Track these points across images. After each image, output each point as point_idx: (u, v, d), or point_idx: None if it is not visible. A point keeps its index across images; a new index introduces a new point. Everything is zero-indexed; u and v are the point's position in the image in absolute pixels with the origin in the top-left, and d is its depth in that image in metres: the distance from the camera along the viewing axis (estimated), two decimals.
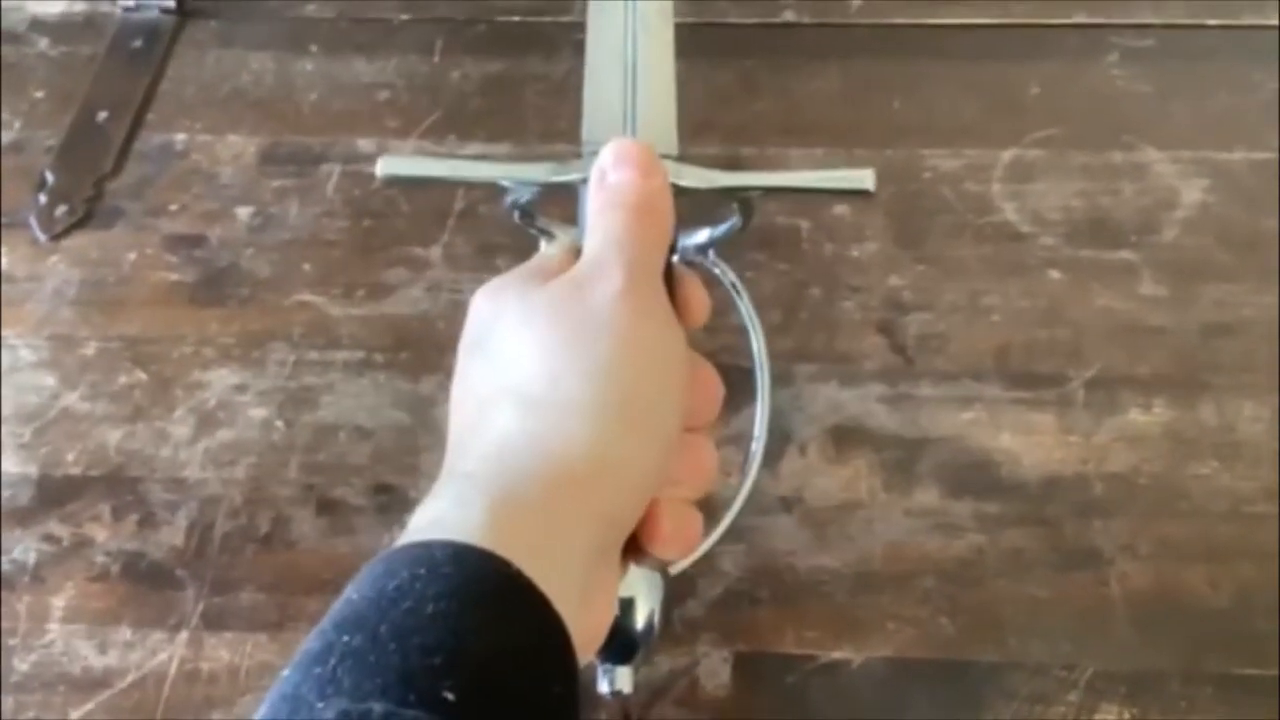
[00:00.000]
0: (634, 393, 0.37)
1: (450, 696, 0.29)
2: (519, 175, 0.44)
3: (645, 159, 0.41)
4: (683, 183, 0.42)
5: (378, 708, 0.29)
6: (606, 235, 0.40)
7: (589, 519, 0.36)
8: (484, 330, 0.40)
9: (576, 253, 0.41)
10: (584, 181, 0.42)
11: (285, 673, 0.31)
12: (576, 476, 0.36)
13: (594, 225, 0.41)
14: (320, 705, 0.29)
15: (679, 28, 0.76)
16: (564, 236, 0.45)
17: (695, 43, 0.75)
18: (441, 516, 0.34)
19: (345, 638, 0.31)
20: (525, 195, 0.44)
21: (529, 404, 0.37)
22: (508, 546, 0.33)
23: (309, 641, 0.32)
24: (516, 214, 0.45)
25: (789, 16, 0.76)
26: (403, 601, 0.31)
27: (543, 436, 0.36)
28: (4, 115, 0.74)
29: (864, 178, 0.42)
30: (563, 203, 0.45)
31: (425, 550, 0.33)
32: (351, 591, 0.33)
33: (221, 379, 0.63)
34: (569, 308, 0.38)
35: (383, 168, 0.44)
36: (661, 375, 0.38)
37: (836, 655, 0.54)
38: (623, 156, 0.41)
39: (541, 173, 0.44)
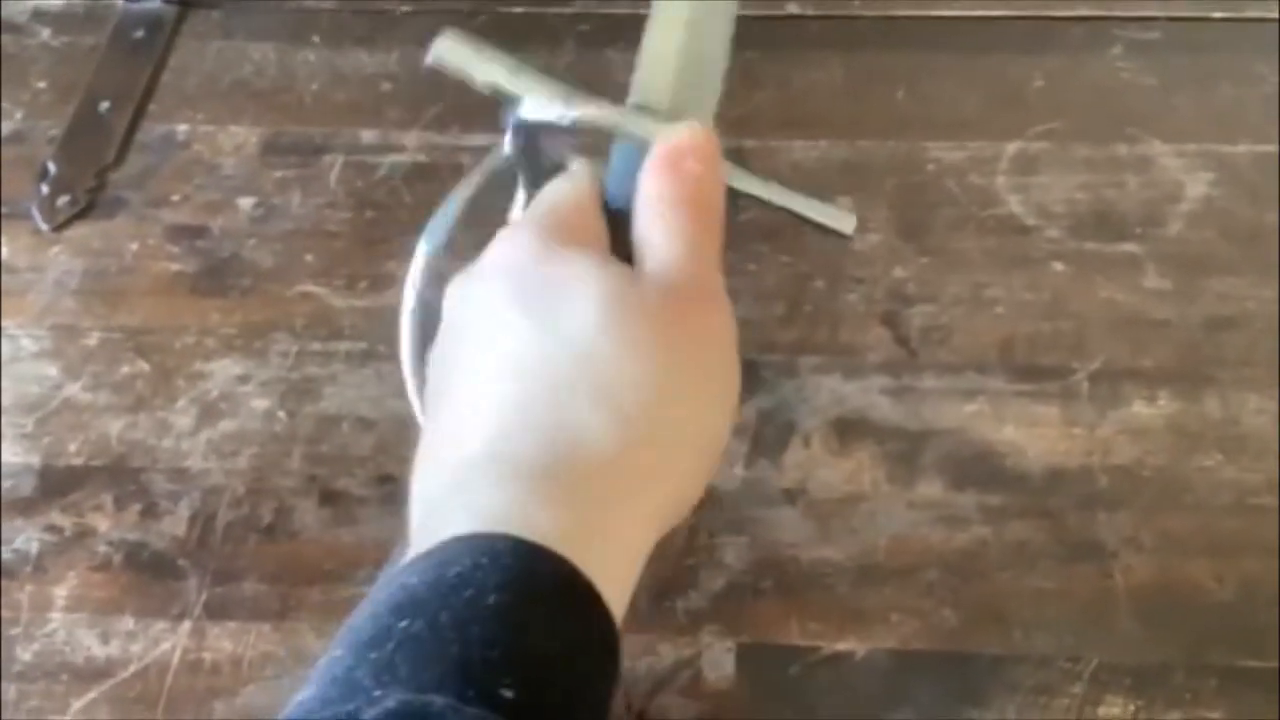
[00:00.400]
0: (721, 423, 0.38)
1: (508, 694, 0.29)
2: (582, 115, 0.41)
3: (717, 156, 0.40)
4: None
5: (438, 701, 0.28)
6: (693, 244, 0.38)
7: (643, 522, 0.36)
8: (533, 294, 0.37)
9: (599, 195, 0.40)
10: (640, 141, 0.40)
11: (336, 653, 0.30)
12: (647, 490, 0.36)
13: (671, 219, 0.38)
14: (378, 693, 0.28)
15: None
16: (579, 168, 0.42)
17: None
18: (493, 507, 0.33)
19: (403, 623, 0.30)
20: (542, 117, 0.42)
21: (622, 415, 0.35)
22: (567, 543, 0.32)
23: (361, 622, 0.31)
24: (518, 137, 0.43)
25: (793, 9, 0.76)
26: (464, 589, 0.30)
27: (630, 448, 0.35)
28: (6, 105, 0.74)
29: (848, 222, 0.42)
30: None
31: (486, 541, 0.32)
32: (407, 576, 0.32)
33: (224, 369, 0.63)
34: (677, 327, 0.37)
35: (436, 50, 0.41)
36: (734, 399, 0.39)
37: (840, 647, 0.54)
38: (702, 150, 0.39)
39: (601, 116, 0.41)
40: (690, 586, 0.55)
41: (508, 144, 0.44)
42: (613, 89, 0.44)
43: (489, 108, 0.72)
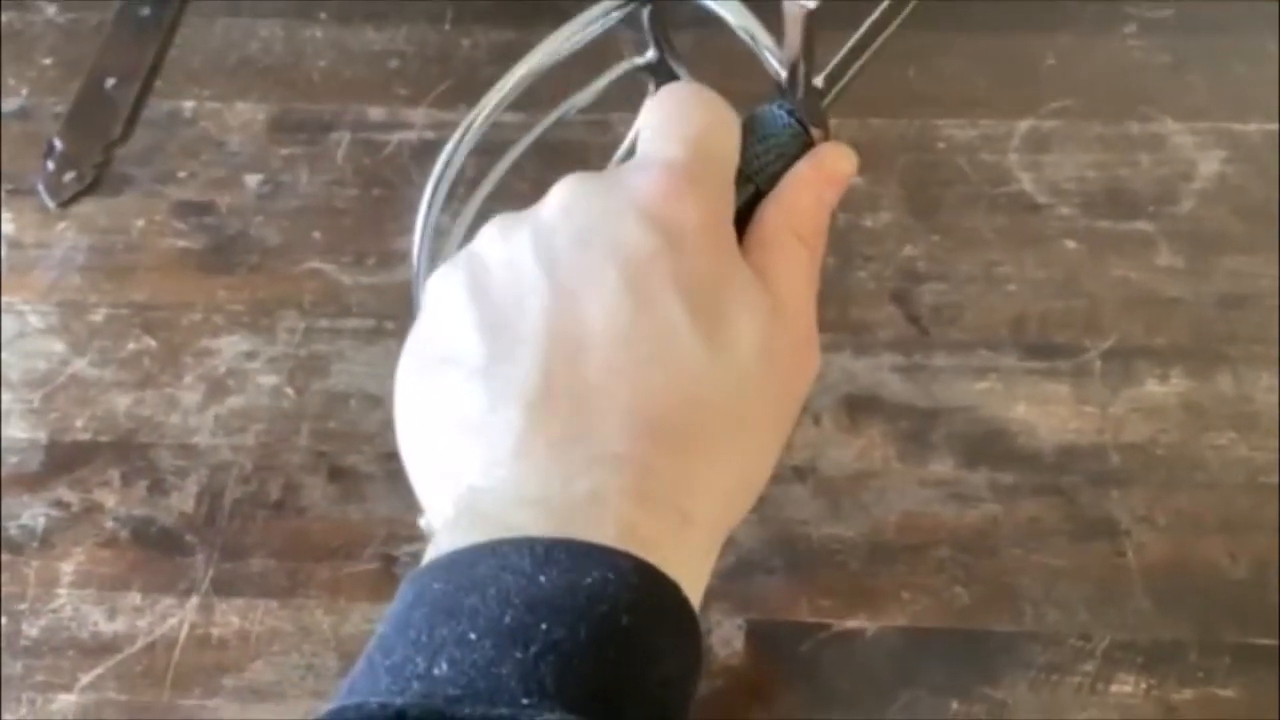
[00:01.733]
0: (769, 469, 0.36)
1: None
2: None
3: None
4: None
5: None
6: (811, 285, 0.36)
7: (721, 539, 0.35)
8: (707, 298, 0.33)
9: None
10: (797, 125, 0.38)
11: (470, 635, 0.28)
12: (735, 508, 0.35)
13: (803, 247, 0.36)
14: (526, 702, 0.27)
15: None
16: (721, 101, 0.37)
17: (709, 14, 0.75)
18: (634, 524, 0.31)
19: (544, 626, 0.28)
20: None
21: (751, 451, 0.34)
22: (678, 574, 0.31)
23: (490, 608, 0.29)
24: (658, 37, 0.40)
25: None
26: (597, 604, 0.29)
27: (741, 485, 0.34)
28: (11, 82, 0.73)
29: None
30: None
31: (609, 555, 0.30)
32: (533, 569, 0.29)
33: (231, 346, 0.63)
34: (793, 379, 0.35)
35: None
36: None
37: (850, 624, 0.54)
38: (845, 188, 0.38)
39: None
40: None
41: (651, 49, 0.41)
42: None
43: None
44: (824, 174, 0.37)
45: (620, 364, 0.32)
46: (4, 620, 0.55)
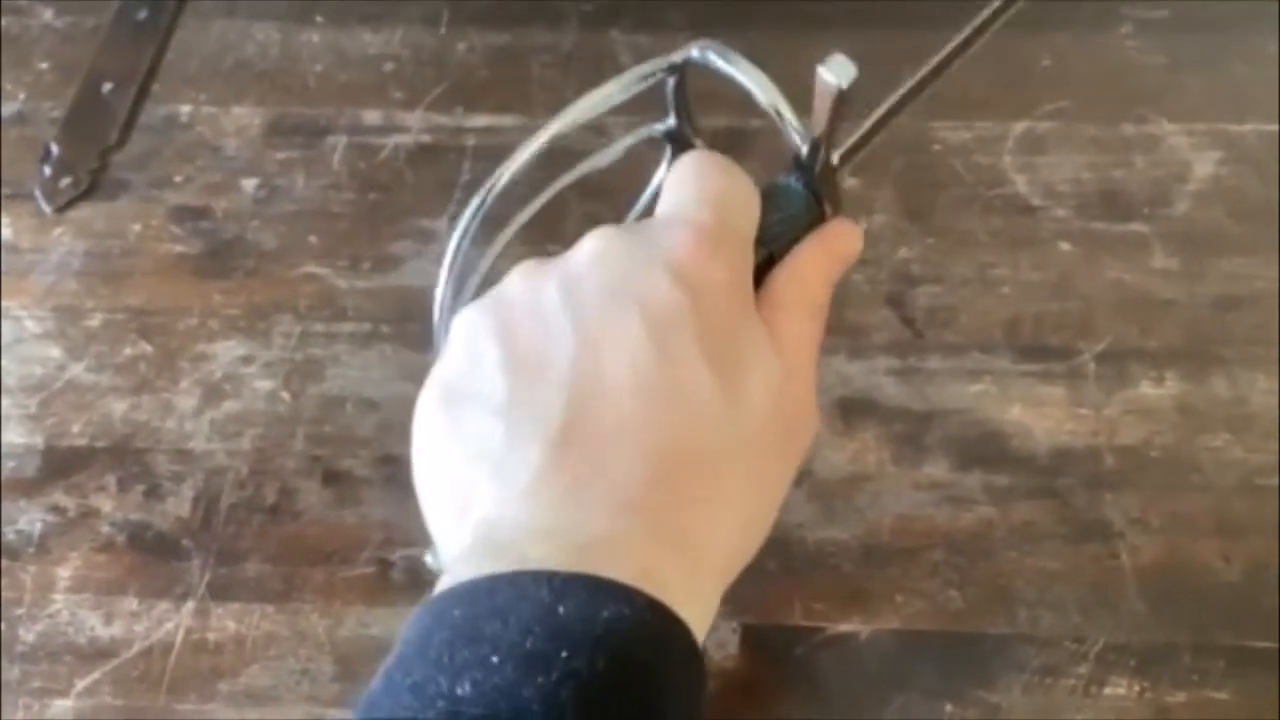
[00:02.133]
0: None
1: None
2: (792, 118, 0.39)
3: None
4: None
5: None
6: (812, 355, 0.37)
7: (725, 583, 0.36)
8: (720, 347, 0.34)
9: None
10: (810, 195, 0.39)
11: (492, 657, 0.29)
12: (740, 555, 0.36)
13: (810, 319, 0.38)
14: None
15: (682, 3, 0.76)
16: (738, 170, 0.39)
17: (704, 13, 0.75)
18: (641, 560, 0.32)
19: (564, 654, 0.29)
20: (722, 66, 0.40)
21: (753, 504, 0.35)
22: (683, 612, 0.32)
23: (510, 631, 0.29)
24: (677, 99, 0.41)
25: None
26: (610, 638, 0.30)
27: (745, 534, 0.35)
28: (8, 86, 0.74)
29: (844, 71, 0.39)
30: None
31: (625, 592, 0.31)
32: (552, 599, 0.30)
33: (227, 350, 0.63)
34: (795, 441, 0.37)
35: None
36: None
37: (844, 627, 0.54)
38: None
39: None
40: None
41: (671, 117, 0.42)
42: (615, 71, 0.44)
43: (491, 89, 0.73)
44: (833, 253, 0.39)
45: (640, 412, 0.33)
46: (2, 626, 0.55)
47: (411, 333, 0.63)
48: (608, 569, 0.31)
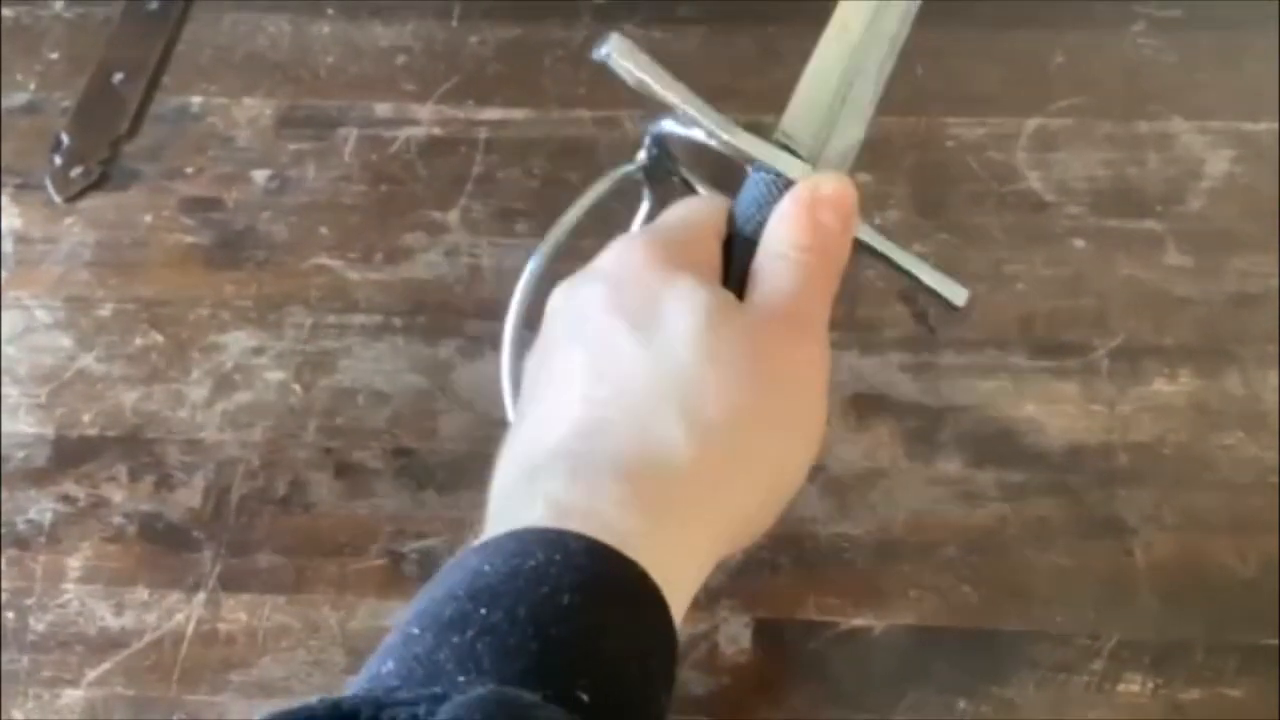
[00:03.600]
0: (800, 459, 0.39)
1: (584, 697, 0.29)
2: (728, 139, 0.41)
3: (854, 211, 0.40)
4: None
5: (525, 696, 0.28)
6: (808, 287, 0.39)
7: (710, 537, 0.36)
8: (632, 304, 0.38)
9: (726, 223, 0.41)
10: (777, 175, 0.41)
11: (413, 630, 0.31)
12: (717, 506, 0.36)
13: (793, 260, 0.39)
14: (462, 680, 0.29)
15: None
16: (706, 195, 0.44)
17: (718, 9, 0.75)
18: (565, 502, 0.34)
19: (482, 610, 0.30)
20: (678, 132, 0.42)
21: (702, 428, 0.36)
22: (635, 544, 0.33)
23: (437, 603, 0.31)
24: (653, 150, 0.44)
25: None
26: (540, 585, 0.31)
27: (706, 462, 0.36)
28: (19, 77, 0.73)
29: (960, 295, 0.42)
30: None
31: (558, 537, 0.32)
32: (481, 562, 0.32)
33: (238, 341, 0.63)
34: (772, 360, 0.38)
35: (607, 49, 0.41)
36: (817, 440, 0.40)
37: (858, 622, 0.54)
38: (841, 204, 0.40)
39: (744, 144, 0.41)
40: None
41: (643, 153, 0.45)
42: None
43: (503, 82, 0.73)
44: (803, 198, 0.40)
45: (576, 373, 0.38)
46: (11, 615, 0.55)
47: (422, 325, 0.63)
48: (549, 518, 0.33)
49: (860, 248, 0.42)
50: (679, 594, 0.34)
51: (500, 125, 0.70)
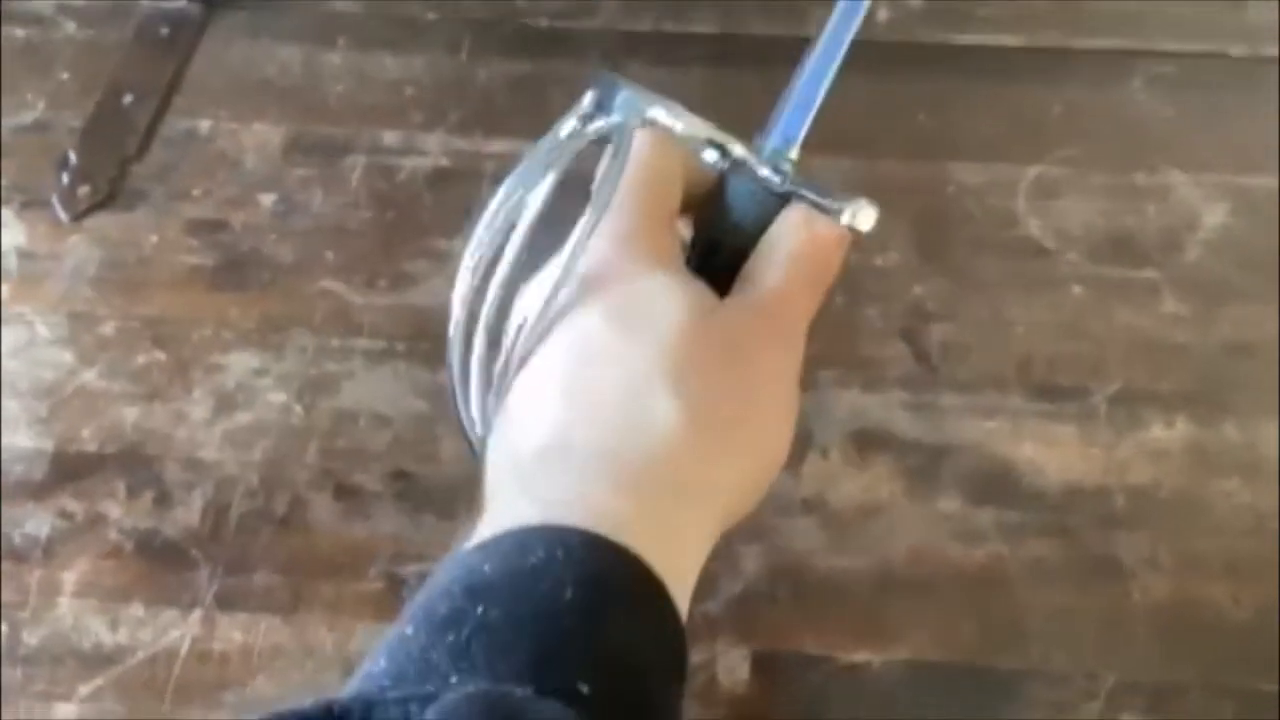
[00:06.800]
0: (779, 444, 0.39)
1: (585, 690, 0.29)
2: (728, 144, 0.43)
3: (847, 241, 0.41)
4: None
5: (517, 692, 0.28)
6: (796, 299, 0.40)
7: (705, 520, 0.36)
8: (619, 305, 0.38)
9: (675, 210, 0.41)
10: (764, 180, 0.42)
11: (407, 630, 0.31)
12: (709, 484, 0.36)
13: (794, 283, 0.40)
14: (454, 678, 0.29)
15: (701, 38, 0.77)
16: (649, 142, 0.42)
17: (721, 52, 0.76)
18: (561, 495, 0.34)
19: (479, 609, 0.30)
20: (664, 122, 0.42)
21: (691, 404, 0.36)
22: (634, 534, 0.33)
23: (433, 602, 0.31)
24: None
25: (815, 30, 0.76)
26: (539, 581, 0.31)
27: (696, 438, 0.36)
28: (29, 96, 0.74)
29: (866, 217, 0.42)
30: None
31: (557, 533, 0.32)
32: (478, 560, 0.32)
33: (241, 362, 0.63)
34: (751, 350, 0.38)
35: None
36: (790, 428, 0.40)
37: (856, 657, 0.54)
38: (846, 246, 0.41)
39: (743, 153, 0.43)
40: (707, 593, 0.55)
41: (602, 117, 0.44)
42: None
43: (511, 114, 0.73)
44: (822, 240, 0.40)
45: (561, 367, 0.37)
46: (5, 628, 0.54)
47: (425, 351, 0.63)
48: (539, 513, 0.33)
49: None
50: (679, 583, 0.34)
51: (507, 157, 0.71)
